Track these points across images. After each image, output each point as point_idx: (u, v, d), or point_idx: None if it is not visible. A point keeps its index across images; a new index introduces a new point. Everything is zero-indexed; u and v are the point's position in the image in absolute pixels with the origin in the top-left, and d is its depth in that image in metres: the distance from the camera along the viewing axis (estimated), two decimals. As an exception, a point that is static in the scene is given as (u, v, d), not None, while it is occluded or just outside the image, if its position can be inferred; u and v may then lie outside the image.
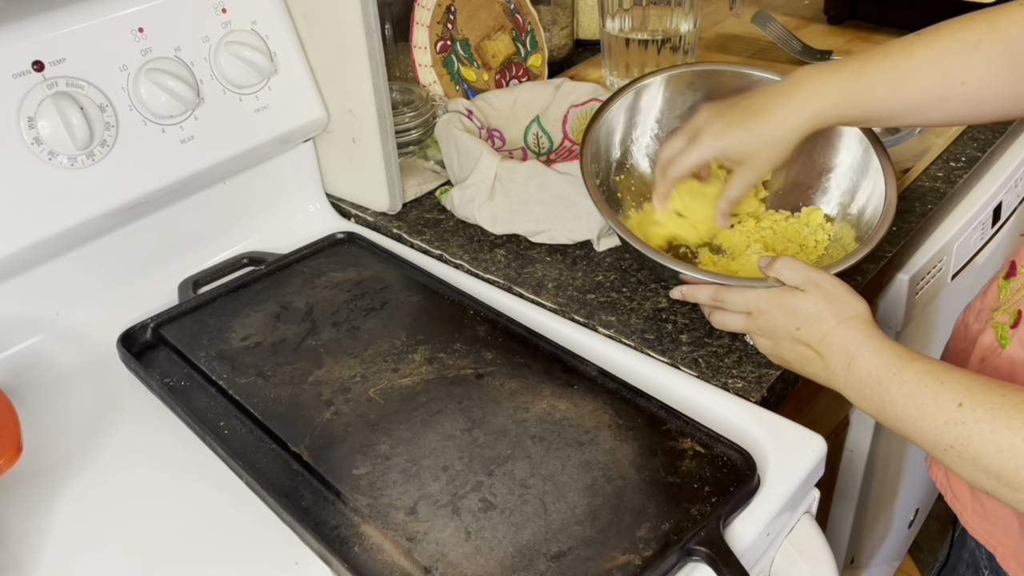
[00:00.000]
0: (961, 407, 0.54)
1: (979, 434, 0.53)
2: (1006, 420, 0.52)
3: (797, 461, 0.64)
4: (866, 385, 0.60)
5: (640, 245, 0.73)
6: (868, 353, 0.60)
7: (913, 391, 0.57)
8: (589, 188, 0.78)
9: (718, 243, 0.85)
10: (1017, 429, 0.52)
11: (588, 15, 1.30)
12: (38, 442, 0.69)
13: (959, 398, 0.54)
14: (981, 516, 0.71)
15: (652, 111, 0.90)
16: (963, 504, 0.73)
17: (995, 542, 0.70)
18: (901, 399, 0.58)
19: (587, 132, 0.84)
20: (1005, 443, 0.52)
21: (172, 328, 0.78)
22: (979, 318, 0.74)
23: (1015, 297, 0.68)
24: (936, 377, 0.56)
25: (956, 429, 0.54)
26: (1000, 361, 0.67)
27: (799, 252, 0.83)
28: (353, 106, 0.90)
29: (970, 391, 0.54)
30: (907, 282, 0.95)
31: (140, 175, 0.79)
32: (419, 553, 0.57)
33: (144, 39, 0.78)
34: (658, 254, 0.73)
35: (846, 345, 0.62)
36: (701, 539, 0.57)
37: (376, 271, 0.86)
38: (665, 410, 0.67)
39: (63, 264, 0.79)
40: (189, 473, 0.67)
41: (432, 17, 1.05)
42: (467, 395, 0.70)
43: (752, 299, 0.69)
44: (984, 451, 0.53)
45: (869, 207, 0.81)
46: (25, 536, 0.63)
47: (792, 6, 1.43)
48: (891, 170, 0.80)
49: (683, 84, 0.90)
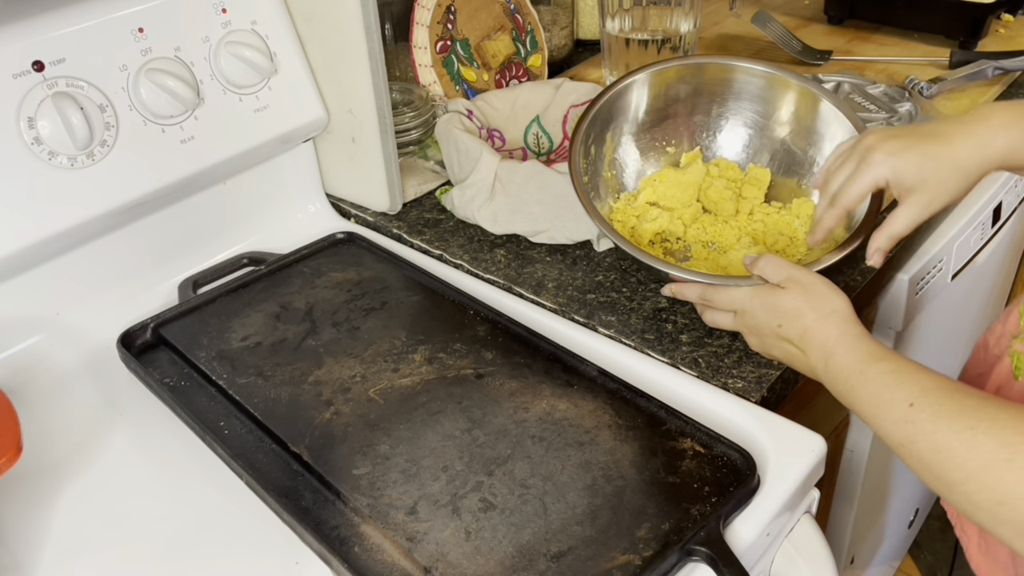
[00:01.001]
0: (912, 407, 0.55)
1: (922, 434, 0.54)
2: (948, 421, 0.53)
3: (797, 461, 0.64)
4: (839, 381, 0.61)
5: (630, 248, 0.74)
6: (843, 350, 0.61)
7: (875, 390, 0.57)
8: (579, 193, 0.78)
9: (708, 238, 0.85)
10: (956, 431, 0.52)
11: (588, 15, 1.30)
12: (38, 442, 0.69)
13: (912, 398, 0.55)
14: (985, 553, 0.71)
15: (640, 106, 0.90)
16: (969, 538, 0.73)
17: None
18: (865, 397, 0.58)
19: (575, 135, 0.83)
20: (943, 443, 0.52)
21: (172, 328, 0.78)
22: (999, 343, 0.74)
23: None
24: (897, 377, 0.57)
25: (905, 428, 0.55)
26: (1012, 392, 0.67)
27: (789, 245, 0.83)
28: (353, 106, 0.90)
29: (925, 392, 0.55)
30: (907, 282, 0.95)
31: (140, 175, 0.79)
32: (419, 553, 0.57)
33: (144, 39, 0.78)
34: (647, 255, 0.73)
35: (824, 341, 0.62)
36: (701, 539, 0.57)
37: (376, 271, 0.86)
38: (665, 410, 0.67)
39: (63, 264, 0.79)
40: (189, 473, 0.67)
41: (432, 17, 1.05)
42: (467, 395, 0.70)
43: (736, 298, 0.70)
44: (925, 450, 0.54)
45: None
46: (25, 536, 0.63)
47: (792, 6, 1.43)
48: None
49: (670, 80, 0.89)
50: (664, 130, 0.91)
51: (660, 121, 0.91)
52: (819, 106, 0.86)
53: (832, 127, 0.85)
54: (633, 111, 0.90)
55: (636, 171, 0.91)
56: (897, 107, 1.04)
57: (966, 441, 0.51)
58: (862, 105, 1.05)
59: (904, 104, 1.04)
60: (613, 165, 0.89)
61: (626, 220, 0.86)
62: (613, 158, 0.89)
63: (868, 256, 0.70)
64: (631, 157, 0.90)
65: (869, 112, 1.03)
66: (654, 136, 0.91)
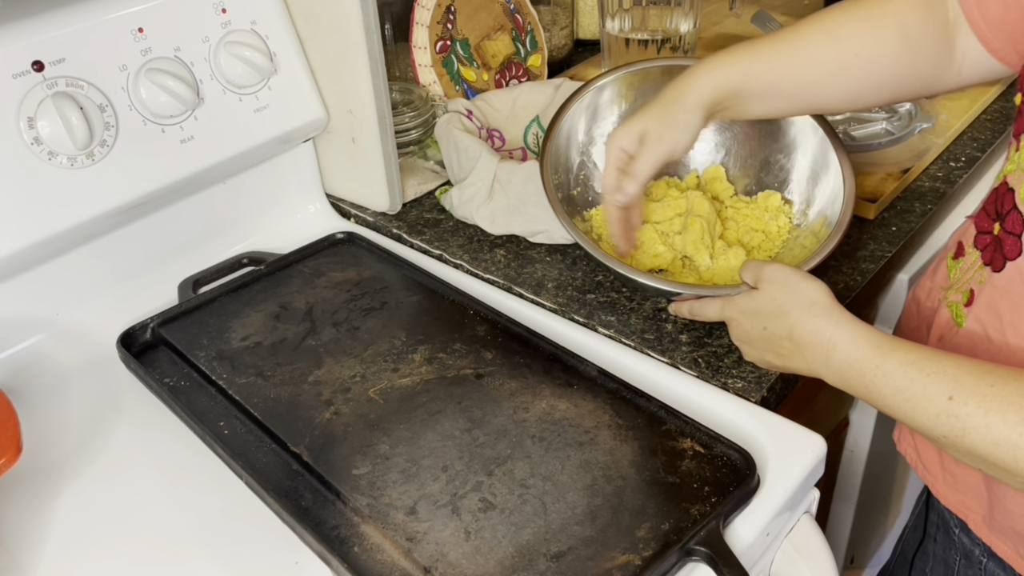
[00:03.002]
0: (952, 400, 0.54)
1: (973, 428, 0.53)
2: (1000, 415, 0.53)
3: (797, 461, 0.64)
4: (849, 376, 0.61)
5: (618, 265, 0.74)
6: (845, 344, 0.60)
7: (900, 384, 0.57)
8: (551, 199, 0.78)
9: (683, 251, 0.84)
10: (1013, 424, 0.52)
11: (588, 15, 1.30)
12: (38, 442, 0.69)
13: (948, 391, 0.55)
14: (952, 486, 0.71)
15: (612, 112, 0.90)
16: (934, 475, 0.73)
17: (966, 510, 0.71)
18: (888, 392, 0.58)
19: (544, 147, 0.83)
20: (1002, 437, 0.52)
21: (172, 328, 0.78)
22: (930, 296, 0.74)
23: (965, 276, 0.69)
24: (921, 368, 0.56)
25: (949, 422, 0.55)
26: (959, 338, 0.68)
27: (764, 240, 0.83)
28: (353, 106, 0.90)
29: (958, 382, 0.55)
30: (907, 282, 0.95)
31: (140, 175, 0.79)
32: (419, 553, 0.57)
33: (144, 39, 0.78)
34: (631, 269, 0.74)
35: (817, 335, 0.62)
36: (701, 539, 0.57)
37: (376, 271, 0.86)
38: (665, 410, 0.67)
39: (63, 264, 0.79)
40: (189, 473, 0.67)
41: (432, 17, 1.05)
42: (467, 395, 0.70)
43: (719, 311, 0.70)
44: (980, 444, 0.53)
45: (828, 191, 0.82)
46: (25, 536, 0.63)
47: (792, 6, 1.43)
48: (847, 161, 0.81)
49: (638, 82, 0.89)
50: None
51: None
52: None
53: (802, 131, 0.85)
54: (610, 118, 0.90)
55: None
56: (897, 107, 1.04)
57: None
58: (862, 105, 1.05)
59: (904, 104, 1.04)
60: (579, 182, 0.89)
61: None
62: (585, 172, 0.89)
63: (611, 196, 0.76)
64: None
65: (869, 112, 1.03)
66: None
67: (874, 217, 0.91)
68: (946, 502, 0.73)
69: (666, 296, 0.78)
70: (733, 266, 0.79)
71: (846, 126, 1.02)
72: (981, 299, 0.66)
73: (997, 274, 0.64)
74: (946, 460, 0.72)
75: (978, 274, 0.67)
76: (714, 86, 0.72)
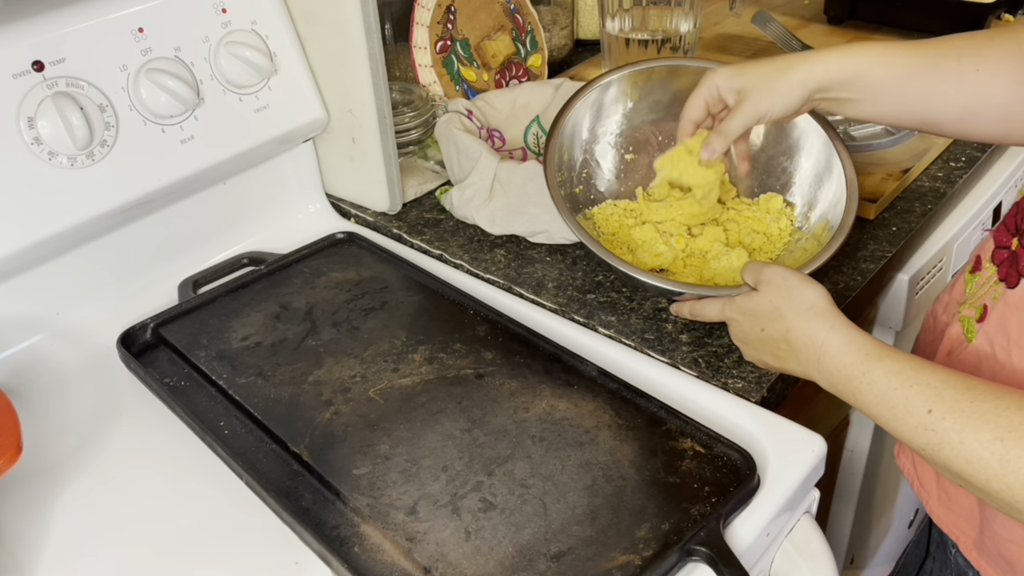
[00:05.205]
0: (931, 414, 0.54)
1: (948, 443, 0.53)
2: (974, 432, 0.52)
3: (797, 461, 0.64)
4: (838, 381, 0.61)
5: (621, 264, 0.74)
6: (836, 349, 0.61)
7: (883, 393, 0.57)
8: (554, 197, 0.78)
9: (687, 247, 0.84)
10: (986, 442, 0.52)
11: (588, 15, 1.30)
12: (38, 442, 0.69)
13: (929, 403, 0.55)
14: (946, 506, 0.71)
15: (616, 111, 0.90)
16: (928, 493, 0.73)
17: (958, 531, 0.71)
18: (873, 399, 0.58)
19: (547, 144, 0.83)
20: (974, 455, 0.52)
21: (172, 328, 0.78)
22: (947, 311, 0.74)
23: (980, 291, 0.69)
24: (906, 379, 0.56)
25: (927, 435, 0.55)
26: (966, 355, 0.68)
27: (765, 243, 0.83)
28: (353, 106, 0.90)
29: (939, 396, 0.54)
30: (907, 282, 0.95)
31: (140, 175, 0.79)
32: (419, 553, 0.57)
33: (144, 39, 0.78)
34: (633, 268, 0.74)
35: (811, 338, 0.62)
36: (701, 539, 0.57)
37: (376, 271, 0.86)
38: (665, 410, 0.67)
39: (63, 264, 0.79)
40: (189, 473, 0.67)
41: (432, 17, 1.05)
42: (467, 395, 0.70)
43: (718, 312, 0.70)
44: (954, 459, 0.53)
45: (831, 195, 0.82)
46: (25, 536, 0.63)
47: (792, 6, 1.43)
48: (848, 159, 0.81)
49: (643, 81, 0.89)
50: (634, 136, 0.91)
51: (632, 130, 0.91)
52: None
53: (806, 134, 0.85)
54: (614, 116, 0.90)
55: (610, 178, 0.90)
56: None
57: (998, 453, 0.51)
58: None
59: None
60: (582, 180, 0.89)
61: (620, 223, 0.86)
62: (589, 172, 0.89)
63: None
64: (607, 164, 0.90)
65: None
66: (628, 141, 0.91)
67: (874, 217, 0.91)
68: (939, 522, 0.73)
69: (667, 296, 0.78)
70: (735, 267, 0.79)
71: (846, 126, 1.02)
72: (993, 315, 0.66)
73: (1011, 291, 0.64)
74: (942, 479, 0.71)
75: (992, 289, 0.67)
76: (824, 71, 0.71)
